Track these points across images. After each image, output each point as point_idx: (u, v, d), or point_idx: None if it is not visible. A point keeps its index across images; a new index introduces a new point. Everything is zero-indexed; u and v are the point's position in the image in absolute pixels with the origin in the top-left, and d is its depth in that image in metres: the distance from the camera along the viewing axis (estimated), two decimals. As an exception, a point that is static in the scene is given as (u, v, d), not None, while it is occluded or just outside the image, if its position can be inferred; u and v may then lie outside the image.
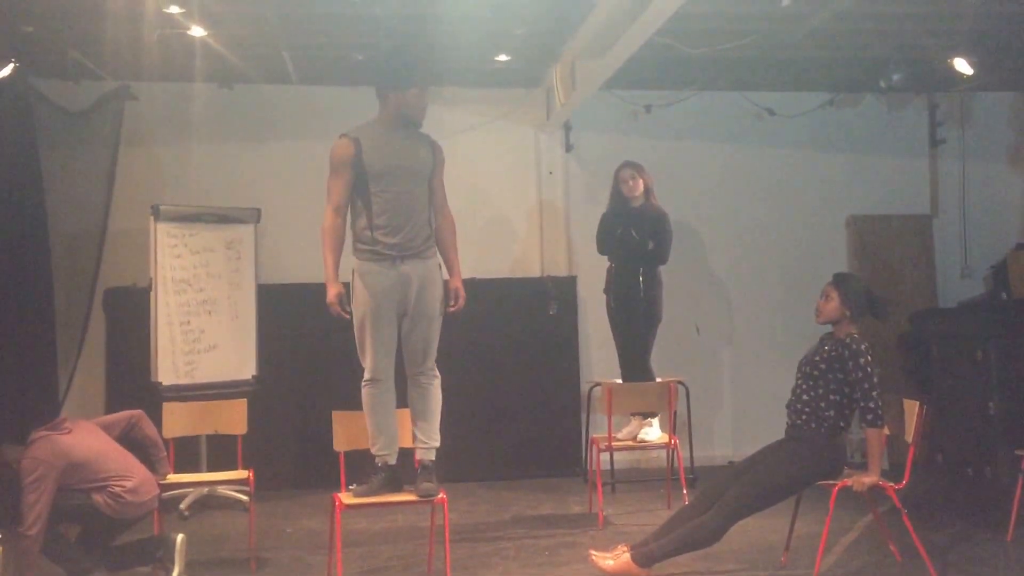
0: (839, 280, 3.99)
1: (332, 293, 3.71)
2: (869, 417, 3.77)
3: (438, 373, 3.91)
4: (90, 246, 6.04)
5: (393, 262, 3.75)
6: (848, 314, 3.91)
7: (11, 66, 5.33)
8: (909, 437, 3.94)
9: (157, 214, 5.51)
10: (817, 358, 3.91)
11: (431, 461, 3.79)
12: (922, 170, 7.11)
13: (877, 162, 7.03)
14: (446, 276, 3.96)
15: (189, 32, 5.21)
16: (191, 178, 6.30)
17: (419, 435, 3.83)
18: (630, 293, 5.41)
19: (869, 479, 3.77)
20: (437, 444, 3.85)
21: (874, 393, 3.75)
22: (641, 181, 5.49)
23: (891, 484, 3.85)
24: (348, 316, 3.76)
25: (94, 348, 6.08)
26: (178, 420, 4.61)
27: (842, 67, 6.36)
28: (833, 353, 3.85)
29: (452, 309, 3.98)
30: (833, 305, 3.92)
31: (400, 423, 3.90)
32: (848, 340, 3.84)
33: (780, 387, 6.48)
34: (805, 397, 3.89)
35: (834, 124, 6.95)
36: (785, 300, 6.86)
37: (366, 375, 3.80)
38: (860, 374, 3.76)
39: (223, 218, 5.81)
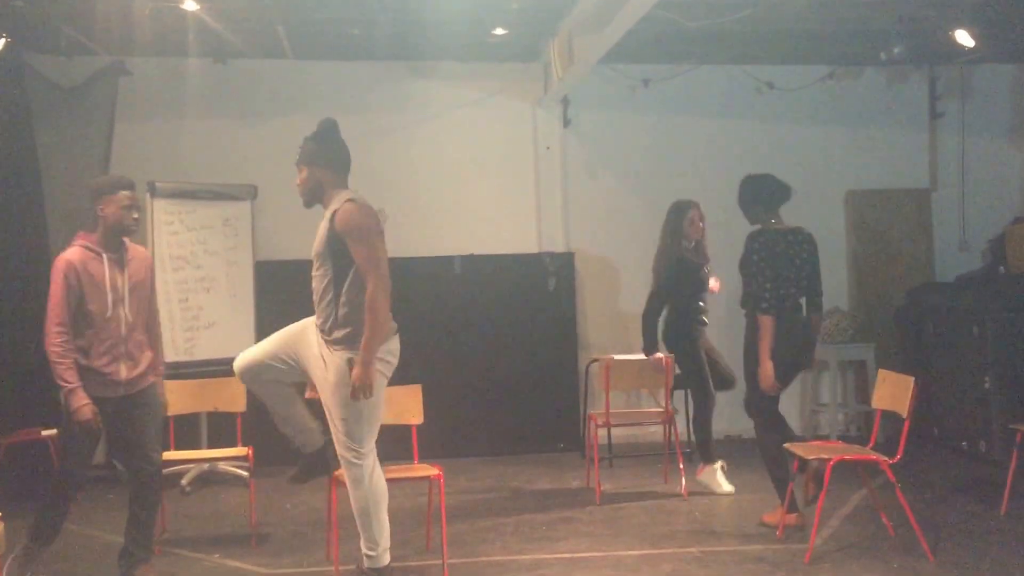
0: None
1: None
2: (764, 306, 4.16)
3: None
4: (87, 223, 6.00)
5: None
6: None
7: (3, 41, 5.28)
8: (904, 411, 3.97)
9: (153, 191, 5.48)
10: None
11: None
12: (922, 144, 7.07)
13: (877, 136, 6.99)
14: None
15: (182, 6, 5.14)
16: (187, 154, 6.27)
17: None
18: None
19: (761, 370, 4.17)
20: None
21: (766, 284, 4.16)
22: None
23: (885, 458, 3.89)
24: None
25: (92, 325, 6.09)
26: (178, 397, 4.62)
27: (842, 40, 6.30)
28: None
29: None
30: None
31: None
32: (747, 238, 4.33)
33: (777, 362, 6.51)
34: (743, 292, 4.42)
35: (834, 98, 6.91)
36: (783, 275, 6.85)
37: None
38: (753, 269, 4.24)
39: (219, 195, 5.79)
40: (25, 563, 3.60)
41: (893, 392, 4.08)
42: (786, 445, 4.18)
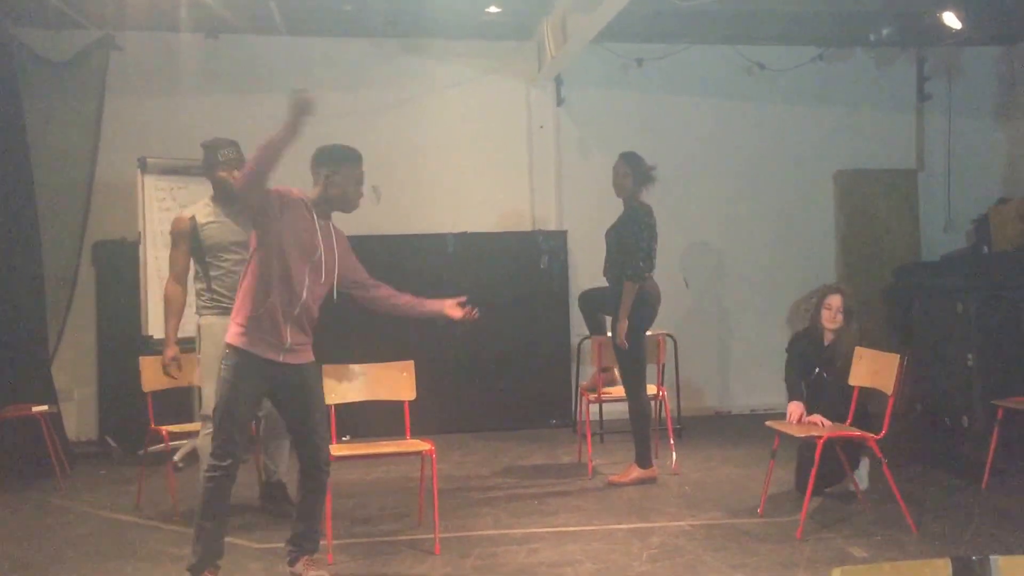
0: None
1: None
2: (630, 272, 4.53)
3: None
4: (77, 199, 5.99)
5: None
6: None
7: (-10, 14, 5.21)
8: (889, 389, 4.04)
9: (144, 166, 5.45)
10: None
11: None
12: (909, 125, 7.14)
13: (865, 117, 7.04)
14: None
15: (173, -20, 5.11)
16: (178, 130, 6.21)
17: None
18: None
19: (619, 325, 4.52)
20: None
21: (639, 254, 4.54)
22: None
23: (870, 434, 3.96)
24: None
25: (84, 302, 6.07)
26: (170, 373, 4.61)
27: (832, 21, 6.32)
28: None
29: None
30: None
31: None
32: (632, 209, 4.65)
33: (766, 338, 6.61)
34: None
35: (823, 78, 6.94)
36: (772, 253, 6.93)
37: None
38: (634, 238, 4.54)
39: (211, 171, 5.74)
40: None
41: (879, 370, 4.14)
42: (769, 423, 4.24)
